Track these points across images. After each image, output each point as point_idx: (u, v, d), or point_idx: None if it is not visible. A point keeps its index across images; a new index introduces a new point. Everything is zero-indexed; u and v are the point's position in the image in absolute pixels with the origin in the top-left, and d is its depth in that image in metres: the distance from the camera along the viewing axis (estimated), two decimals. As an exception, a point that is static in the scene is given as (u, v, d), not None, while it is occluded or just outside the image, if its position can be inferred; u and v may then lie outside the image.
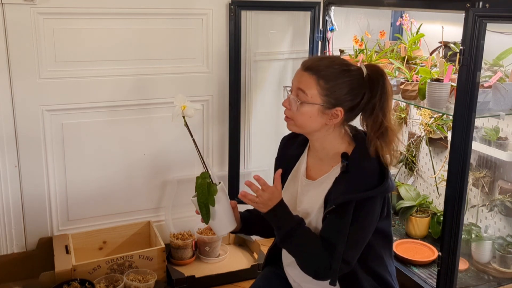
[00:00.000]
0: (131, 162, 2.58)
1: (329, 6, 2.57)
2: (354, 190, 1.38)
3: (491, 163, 2.27)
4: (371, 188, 1.39)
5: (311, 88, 1.43)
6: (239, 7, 2.54)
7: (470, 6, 1.69)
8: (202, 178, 1.50)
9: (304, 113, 1.45)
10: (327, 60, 1.48)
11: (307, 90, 1.44)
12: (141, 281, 2.26)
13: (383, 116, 1.44)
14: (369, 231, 1.44)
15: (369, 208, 1.41)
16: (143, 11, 2.40)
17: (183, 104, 1.54)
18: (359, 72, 1.46)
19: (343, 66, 1.45)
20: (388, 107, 1.46)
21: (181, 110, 1.54)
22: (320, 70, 1.43)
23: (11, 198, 2.36)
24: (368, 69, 1.46)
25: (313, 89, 1.43)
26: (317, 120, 1.45)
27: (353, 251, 1.42)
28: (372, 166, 1.42)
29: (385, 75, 1.47)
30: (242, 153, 2.79)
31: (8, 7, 2.16)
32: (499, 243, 2.20)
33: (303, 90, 1.44)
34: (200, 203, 1.48)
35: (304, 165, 1.58)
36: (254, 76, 2.75)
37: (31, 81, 2.28)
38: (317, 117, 1.45)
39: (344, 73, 1.43)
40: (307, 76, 1.44)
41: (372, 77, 1.45)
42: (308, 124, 1.47)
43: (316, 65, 1.45)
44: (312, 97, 1.43)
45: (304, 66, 1.47)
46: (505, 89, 1.92)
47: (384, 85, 1.44)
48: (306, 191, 1.54)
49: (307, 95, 1.44)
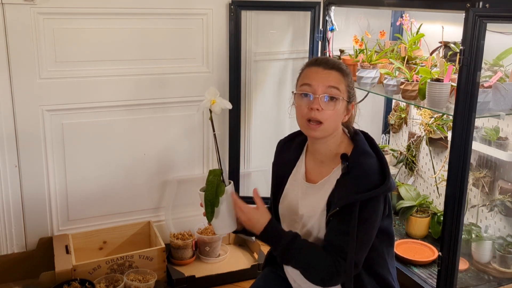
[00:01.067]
0: (131, 162, 2.58)
1: (329, 6, 2.57)
2: (357, 190, 1.38)
3: (491, 163, 2.27)
4: (374, 188, 1.38)
5: (341, 83, 1.46)
6: (239, 7, 2.54)
7: (470, 6, 1.69)
8: (214, 175, 1.48)
9: (338, 110, 1.45)
10: (333, 59, 1.52)
11: (340, 86, 1.45)
12: (141, 281, 2.26)
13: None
14: (374, 231, 1.44)
15: (373, 207, 1.40)
16: (143, 11, 2.41)
17: (213, 98, 1.52)
18: None
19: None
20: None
21: (210, 104, 1.52)
22: (340, 67, 1.47)
23: (11, 198, 2.36)
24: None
25: (343, 85, 1.46)
26: (340, 117, 1.48)
27: (361, 252, 1.42)
28: (373, 166, 1.42)
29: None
30: (242, 153, 2.79)
31: (8, 7, 2.16)
32: (499, 243, 2.20)
33: (336, 87, 1.44)
34: (206, 201, 1.47)
35: (302, 168, 1.57)
36: (254, 76, 2.75)
37: (31, 81, 2.28)
38: (341, 114, 1.47)
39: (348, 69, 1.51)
40: (334, 73, 1.46)
41: None
42: (337, 123, 1.48)
43: (334, 63, 1.48)
44: (343, 92, 1.46)
45: (327, 65, 1.47)
46: (505, 89, 1.92)
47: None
48: (307, 195, 1.53)
49: (341, 91, 1.45)
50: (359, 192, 1.38)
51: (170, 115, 2.59)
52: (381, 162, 1.44)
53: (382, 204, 1.44)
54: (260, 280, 1.69)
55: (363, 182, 1.39)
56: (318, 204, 1.48)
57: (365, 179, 1.40)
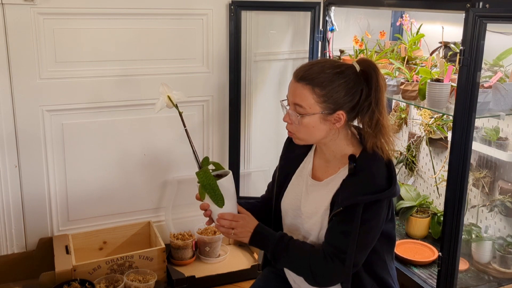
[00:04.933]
0: (132, 162, 2.58)
1: (329, 6, 2.57)
2: (362, 192, 1.37)
3: (491, 164, 2.27)
4: (380, 191, 1.37)
5: (307, 98, 1.41)
6: (239, 7, 2.54)
7: (470, 6, 1.69)
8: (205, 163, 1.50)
9: (306, 125, 1.43)
10: (318, 65, 1.43)
11: (303, 102, 1.41)
12: (141, 281, 2.26)
13: (378, 113, 1.41)
14: (376, 233, 1.44)
15: (376, 211, 1.40)
16: (143, 11, 2.40)
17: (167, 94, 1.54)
18: (353, 70, 1.43)
19: (335, 68, 1.41)
20: (382, 103, 1.42)
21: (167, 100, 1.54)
22: (313, 78, 1.40)
23: (11, 198, 2.36)
24: (360, 65, 1.44)
25: (309, 99, 1.40)
26: (320, 128, 1.43)
27: (361, 254, 1.42)
28: (380, 169, 1.41)
29: (378, 69, 1.43)
30: (242, 153, 2.79)
31: (8, 7, 2.16)
32: (499, 243, 2.20)
33: (299, 104, 1.42)
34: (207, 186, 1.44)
35: (310, 165, 1.57)
36: (254, 77, 2.75)
37: (31, 81, 2.28)
38: (320, 125, 1.43)
39: (337, 75, 1.40)
40: (301, 87, 1.41)
41: (366, 72, 1.43)
42: (313, 134, 1.45)
43: (308, 74, 1.41)
44: (311, 107, 1.41)
45: (296, 77, 1.43)
46: (505, 89, 1.92)
47: (378, 79, 1.41)
48: (311, 192, 1.53)
49: (305, 107, 1.41)
50: (364, 194, 1.37)
51: (170, 115, 2.57)
52: (388, 167, 1.43)
53: (386, 208, 1.43)
54: (260, 281, 1.69)
55: (369, 185, 1.38)
56: (322, 202, 1.48)
57: (371, 181, 1.39)
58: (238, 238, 1.50)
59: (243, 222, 1.49)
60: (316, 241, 1.50)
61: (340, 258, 1.39)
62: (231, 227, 1.48)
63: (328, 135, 1.46)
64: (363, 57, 1.76)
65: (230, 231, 1.48)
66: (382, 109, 1.42)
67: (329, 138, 1.47)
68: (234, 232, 1.48)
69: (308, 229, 1.52)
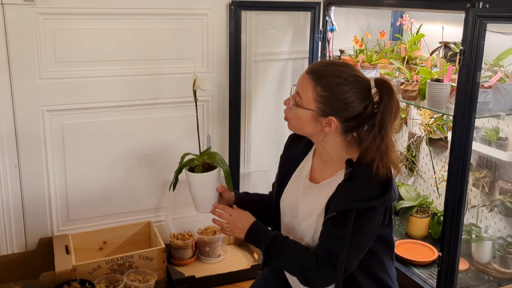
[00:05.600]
0: (132, 162, 2.58)
1: (329, 6, 2.57)
2: (356, 198, 1.36)
3: (491, 164, 2.27)
4: (373, 198, 1.36)
5: (307, 92, 1.41)
6: (239, 7, 2.54)
7: (470, 6, 1.69)
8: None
9: (297, 115, 1.44)
10: (334, 67, 1.41)
11: (303, 94, 1.42)
12: (141, 281, 2.26)
13: (380, 139, 1.36)
14: (370, 239, 1.43)
15: (370, 217, 1.39)
16: (143, 11, 2.40)
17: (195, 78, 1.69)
18: (364, 84, 1.38)
19: (350, 77, 1.38)
20: (388, 128, 1.36)
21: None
22: (322, 76, 1.39)
23: (11, 198, 2.36)
24: (376, 83, 1.39)
25: (309, 94, 1.41)
26: (310, 125, 1.43)
27: (353, 259, 1.42)
28: (376, 176, 1.38)
29: (393, 93, 1.36)
30: (242, 153, 2.79)
31: (8, 7, 2.16)
32: (499, 244, 2.20)
33: (299, 93, 1.43)
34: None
35: (308, 165, 1.57)
36: (254, 77, 2.75)
37: (31, 81, 2.27)
38: (310, 122, 1.43)
39: (346, 85, 1.37)
40: (306, 80, 1.42)
41: (379, 91, 1.38)
42: (302, 127, 1.46)
43: (319, 70, 1.41)
44: (307, 101, 1.41)
45: (308, 69, 1.44)
46: (505, 89, 1.92)
47: (389, 103, 1.35)
48: (307, 193, 1.53)
49: (302, 99, 1.42)
50: (358, 201, 1.36)
51: (170, 115, 2.59)
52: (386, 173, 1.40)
53: (381, 214, 1.41)
54: (259, 280, 1.70)
55: (363, 191, 1.37)
56: (317, 205, 1.48)
57: (366, 188, 1.38)
58: (233, 234, 1.55)
59: (238, 217, 1.53)
60: (311, 243, 1.50)
61: (332, 262, 1.39)
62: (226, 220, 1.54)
63: (318, 135, 1.46)
64: (383, 77, 1.66)
65: (225, 224, 1.54)
66: (385, 136, 1.36)
67: (320, 137, 1.47)
68: (227, 227, 1.54)
69: (303, 230, 1.52)
